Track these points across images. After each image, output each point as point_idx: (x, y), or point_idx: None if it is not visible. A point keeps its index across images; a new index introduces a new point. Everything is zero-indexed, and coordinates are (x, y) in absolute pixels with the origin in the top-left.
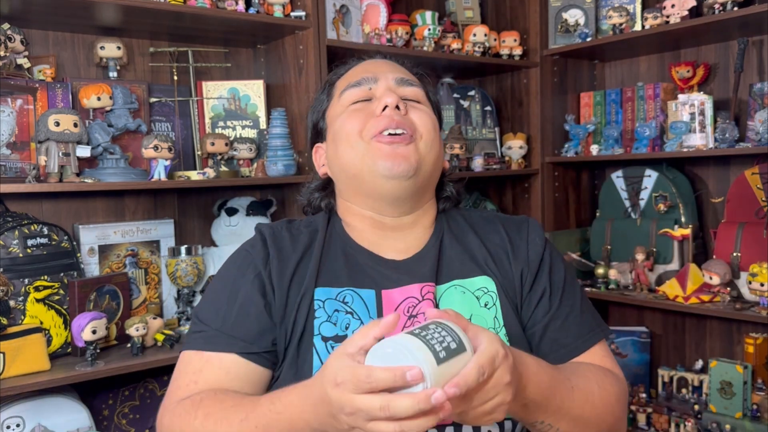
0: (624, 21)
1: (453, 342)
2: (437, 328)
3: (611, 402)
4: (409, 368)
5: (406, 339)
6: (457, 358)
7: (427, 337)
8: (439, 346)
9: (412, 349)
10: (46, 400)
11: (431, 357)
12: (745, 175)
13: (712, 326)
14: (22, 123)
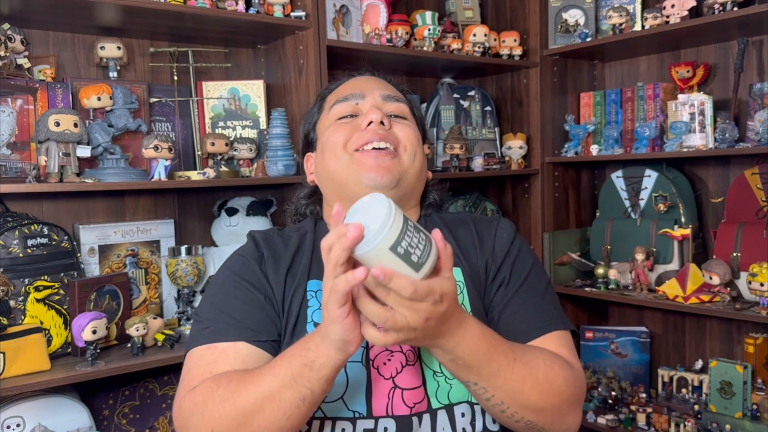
0: (624, 21)
1: (417, 256)
2: (422, 240)
3: (557, 383)
4: (357, 225)
5: (392, 213)
6: (407, 266)
7: (408, 229)
8: (406, 244)
9: (387, 219)
10: (46, 400)
11: (391, 240)
12: (745, 175)
13: (712, 326)
14: (23, 123)
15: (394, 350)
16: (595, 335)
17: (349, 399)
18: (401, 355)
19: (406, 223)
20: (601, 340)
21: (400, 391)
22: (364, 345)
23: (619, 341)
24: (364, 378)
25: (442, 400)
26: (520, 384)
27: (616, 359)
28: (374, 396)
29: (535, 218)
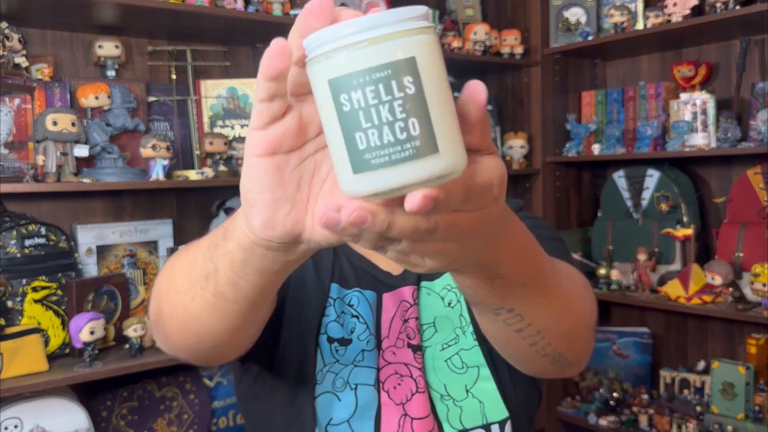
0: (625, 20)
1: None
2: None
3: (591, 305)
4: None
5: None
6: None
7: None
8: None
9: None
10: (44, 402)
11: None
12: (748, 174)
13: (715, 327)
14: (20, 122)
15: (404, 374)
16: (597, 336)
17: (355, 422)
18: (411, 380)
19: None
20: (603, 341)
21: (410, 420)
22: (375, 366)
23: (621, 342)
24: (375, 402)
25: (455, 425)
26: (563, 308)
27: (618, 360)
28: (383, 422)
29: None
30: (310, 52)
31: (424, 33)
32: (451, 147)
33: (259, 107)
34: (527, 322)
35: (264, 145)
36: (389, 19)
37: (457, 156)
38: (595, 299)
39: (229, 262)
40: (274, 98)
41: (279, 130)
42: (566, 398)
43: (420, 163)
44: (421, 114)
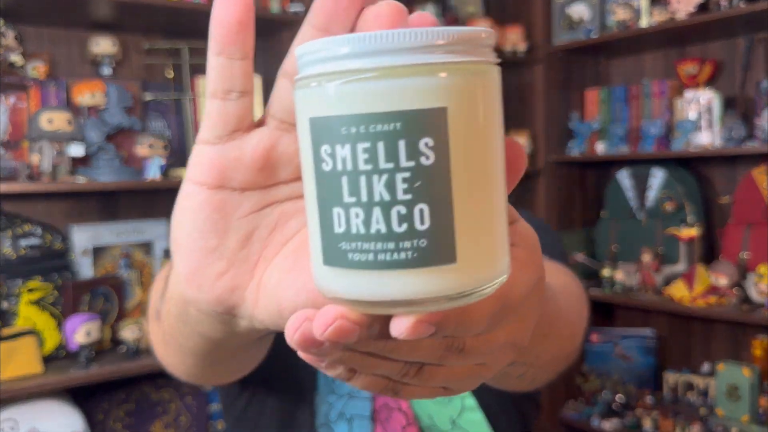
0: (630, 17)
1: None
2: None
3: (585, 316)
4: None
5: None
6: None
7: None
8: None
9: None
10: (40, 404)
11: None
12: (753, 174)
13: (720, 328)
14: (15, 121)
15: (393, 406)
16: (600, 338)
17: None
18: (400, 413)
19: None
20: (606, 343)
21: None
22: (369, 397)
23: (624, 344)
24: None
25: None
26: (562, 339)
27: (621, 362)
28: None
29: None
30: (300, 68)
31: (474, 72)
32: (482, 255)
33: (209, 107)
34: (529, 366)
35: (207, 170)
36: (420, 41)
37: (489, 268)
38: (588, 303)
39: (172, 306)
40: (228, 93)
41: (232, 153)
42: (569, 401)
43: (422, 274)
44: (439, 200)
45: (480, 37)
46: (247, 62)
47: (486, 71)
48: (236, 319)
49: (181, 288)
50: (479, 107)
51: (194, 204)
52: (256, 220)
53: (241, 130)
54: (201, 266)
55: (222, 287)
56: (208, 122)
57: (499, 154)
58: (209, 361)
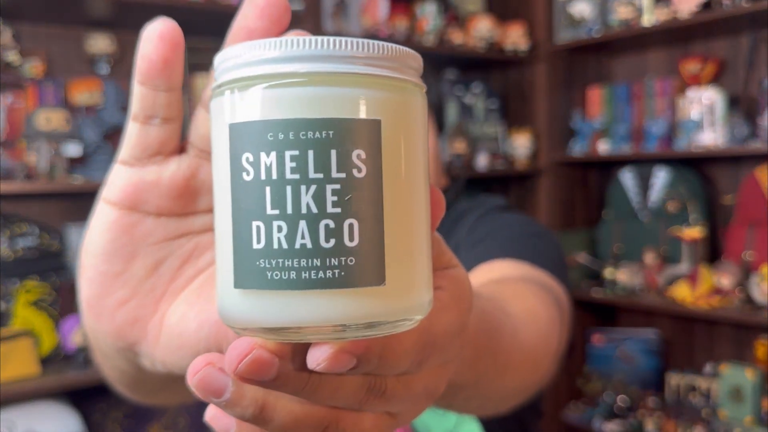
0: (632, 15)
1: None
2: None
3: (553, 340)
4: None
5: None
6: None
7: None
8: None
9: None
10: (37, 405)
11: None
12: (756, 173)
13: (723, 329)
14: (12, 120)
15: None
16: (603, 339)
17: None
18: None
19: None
20: (609, 344)
21: None
22: None
23: (626, 345)
24: None
25: None
26: (525, 370)
27: (623, 364)
28: None
29: (541, 218)
30: (219, 75)
31: (409, 91)
32: (409, 281)
33: (130, 129)
34: (487, 399)
35: (121, 189)
36: (359, 52)
37: (415, 297)
38: (565, 321)
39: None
40: (150, 119)
41: (149, 177)
42: (571, 403)
43: (350, 295)
44: (369, 216)
45: (415, 58)
46: (172, 93)
47: (417, 92)
48: (139, 357)
49: (83, 315)
50: (411, 126)
51: (103, 224)
52: (168, 248)
53: (162, 155)
54: (102, 293)
55: (122, 318)
56: (127, 143)
57: (426, 181)
58: (141, 393)
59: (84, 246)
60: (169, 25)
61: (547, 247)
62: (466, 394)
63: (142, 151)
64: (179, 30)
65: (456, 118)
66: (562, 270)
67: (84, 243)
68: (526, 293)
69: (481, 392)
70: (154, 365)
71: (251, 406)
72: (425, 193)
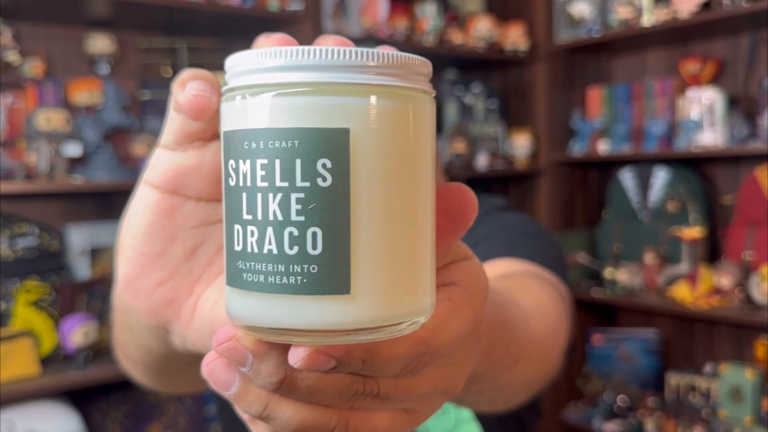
0: (632, 15)
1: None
2: None
3: (562, 333)
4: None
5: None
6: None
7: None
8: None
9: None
10: (37, 405)
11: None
12: (756, 173)
13: (723, 330)
14: (12, 120)
15: None
16: (603, 339)
17: None
18: None
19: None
20: (609, 344)
21: None
22: None
23: (626, 345)
24: None
25: None
26: (536, 362)
27: (623, 364)
28: None
29: (541, 218)
30: (228, 79)
31: (389, 96)
32: (385, 290)
33: (171, 117)
34: (499, 391)
35: (163, 173)
36: (331, 60)
37: (395, 306)
38: (569, 315)
39: (117, 314)
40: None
41: (191, 161)
42: (571, 403)
43: (312, 302)
44: (334, 225)
45: (410, 62)
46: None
47: (407, 97)
48: (171, 335)
49: (118, 294)
50: (396, 133)
51: (145, 206)
52: (206, 233)
53: (203, 140)
54: (141, 273)
55: (159, 298)
56: (169, 129)
57: (425, 186)
58: (159, 373)
59: (124, 226)
60: (206, 77)
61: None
62: (479, 387)
63: (183, 138)
64: (215, 87)
65: (456, 118)
66: (562, 269)
67: (124, 223)
68: (534, 287)
69: (493, 384)
70: (185, 344)
71: (256, 401)
72: (426, 199)
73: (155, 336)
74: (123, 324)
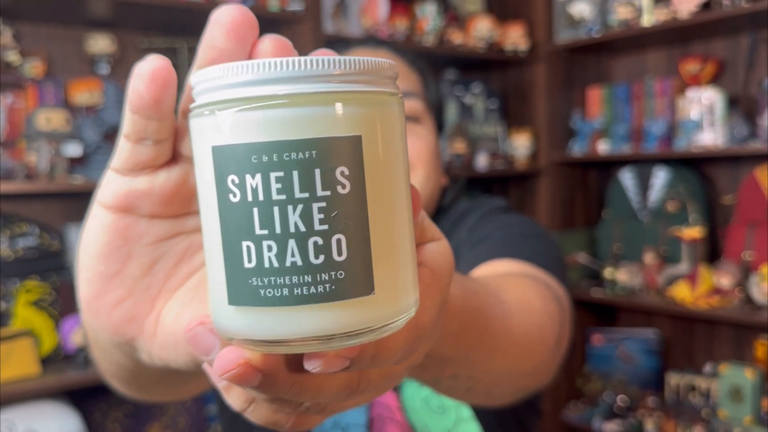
0: (631, 15)
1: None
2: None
3: (554, 329)
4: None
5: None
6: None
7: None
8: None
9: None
10: (37, 405)
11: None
12: (756, 173)
13: (722, 329)
14: (12, 120)
15: (386, 416)
16: (603, 339)
17: None
18: (395, 424)
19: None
20: (609, 344)
21: None
22: (365, 406)
23: (626, 345)
24: None
25: None
26: (519, 355)
27: (623, 364)
28: None
29: (541, 218)
30: (198, 95)
31: (384, 102)
32: (397, 286)
33: (121, 144)
34: (476, 380)
35: (114, 195)
36: (332, 69)
37: (405, 299)
38: (565, 316)
39: (86, 330)
40: (142, 141)
41: (141, 186)
42: (571, 403)
43: (341, 307)
44: (356, 229)
45: (385, 68)
46: (163, 121)
47: (393, 102)
48: (137, 351)
49: (82, 313)
50: (390, 136)
51: (99, 226)
52: (163, 248)
53: (152, 168)
54: (100, 292)
55: (119, 316)
56: (119, 156)
57: (406, 184)
58: (135, 386)
59: (81, 247)
60: (161, 64)
61: (547, 248)
62: (451, 371)
63: (133, 165)
64: (171, 69)
65: (456, 118)
66: (561, 270)
67: (81, 243)
68: (524, 285)
69: (469, 372)
70: (152, 359)
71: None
72: (407, 197)
73: (123, 352)
74: (93, 341)
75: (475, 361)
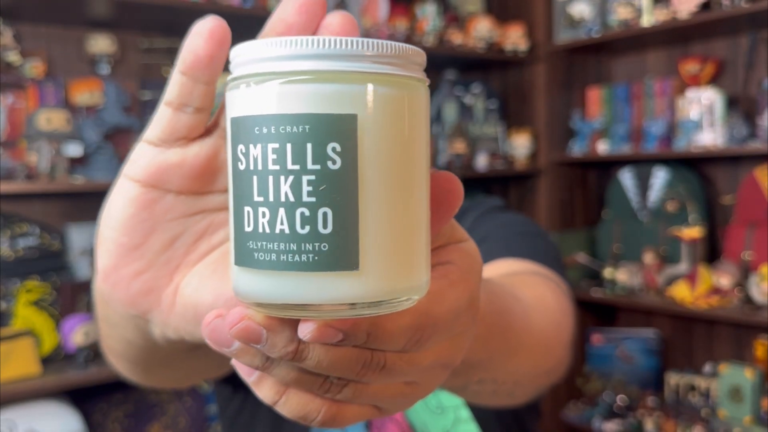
0: (631, 15)
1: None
2: None
3: (567, 327)
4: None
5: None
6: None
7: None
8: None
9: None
10: (37, 405)
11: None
12: (755, 173)
13: (722, 329)
14: (13, 121)
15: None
16: (603, 339)
17: None
18: (394, 423)
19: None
20: (609, 344)
21: None
22: None
23: (626, 345)
24: None
25: None
26: (540, 353)
27: (623, 364)
28: None
29: (541, 218)
30: (231, 70)
31: (391, 84)
32: (390, 266)
33: (161, 112)
34: (500, 383)
35: (145, 168)
36: (334, 49)
37: (399, 281)
38: (572, 313)
39: (98, 308)
40: (184, 107)
41: (174, 159)
42: (571, 402)
43: (322, 278)
44: (343, 205)
45: (409, 52)
46: (209, 86)
47: (406, 85)
48: (150, 326)
49: (98, 285)
50: (396, 119)
51: (125, 199)
52: (185, 224)
53: (187, 139)
54: (119, 263)
55: (137, 288)
56: (156, 125)
57: (421, 170)
58: (141, 366)
59: (103, 218)
60: (220, 23)
61: (547, 246)
62: (479, 376)
63: (170, 135)
64: (228, 30)
65: (456, 118)
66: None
67: (103, 215)
68: (536, 282)
69: (494, 375)
70: (165, 332)
71: (256, 357)
72: (422, 182)
73: (135, 327)
74: (104, 317)
75: (500, 363)
